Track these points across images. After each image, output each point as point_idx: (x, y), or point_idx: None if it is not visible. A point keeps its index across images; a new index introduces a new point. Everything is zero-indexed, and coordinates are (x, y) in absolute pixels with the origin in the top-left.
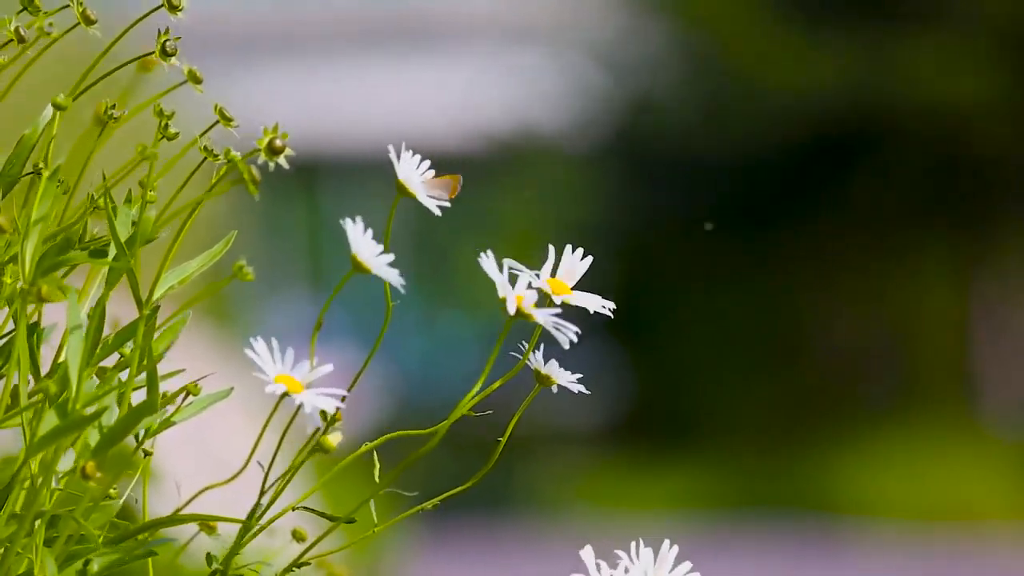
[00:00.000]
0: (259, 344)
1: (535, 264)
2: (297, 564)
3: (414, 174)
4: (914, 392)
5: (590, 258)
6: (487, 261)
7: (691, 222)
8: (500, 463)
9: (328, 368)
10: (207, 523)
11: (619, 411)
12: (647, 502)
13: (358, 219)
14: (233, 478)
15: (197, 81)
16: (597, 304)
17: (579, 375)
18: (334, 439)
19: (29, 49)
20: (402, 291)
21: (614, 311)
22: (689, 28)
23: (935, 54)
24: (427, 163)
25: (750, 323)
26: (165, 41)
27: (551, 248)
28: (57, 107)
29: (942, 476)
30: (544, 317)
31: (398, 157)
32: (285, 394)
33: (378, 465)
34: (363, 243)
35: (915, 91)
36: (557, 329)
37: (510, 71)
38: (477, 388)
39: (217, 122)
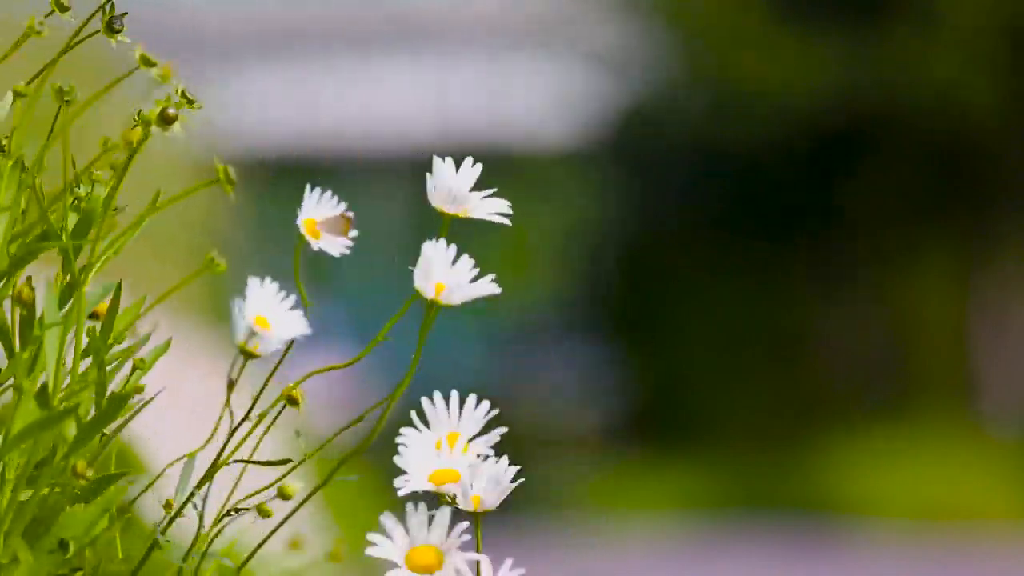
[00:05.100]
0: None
1: (533, 265)
2: (234, 509)
3: (321, 211)
4: (914, 392)
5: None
6: None
7: (691, 223)
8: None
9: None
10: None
11: (620, 412)
12: (648, 502)
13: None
14: (213, 475)
15: (189, 102)
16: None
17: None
18: (293, 487)
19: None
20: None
21: (615, 312)
22: (688, 30)
23: (934, 55)
24: (335, 200)
25: (750, 324)
26: (112, 18)
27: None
28: (18, 95)
29: (942, 476)
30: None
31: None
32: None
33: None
34: (254, 314)
35: (914, 92)
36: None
37: (510, 73)
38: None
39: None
